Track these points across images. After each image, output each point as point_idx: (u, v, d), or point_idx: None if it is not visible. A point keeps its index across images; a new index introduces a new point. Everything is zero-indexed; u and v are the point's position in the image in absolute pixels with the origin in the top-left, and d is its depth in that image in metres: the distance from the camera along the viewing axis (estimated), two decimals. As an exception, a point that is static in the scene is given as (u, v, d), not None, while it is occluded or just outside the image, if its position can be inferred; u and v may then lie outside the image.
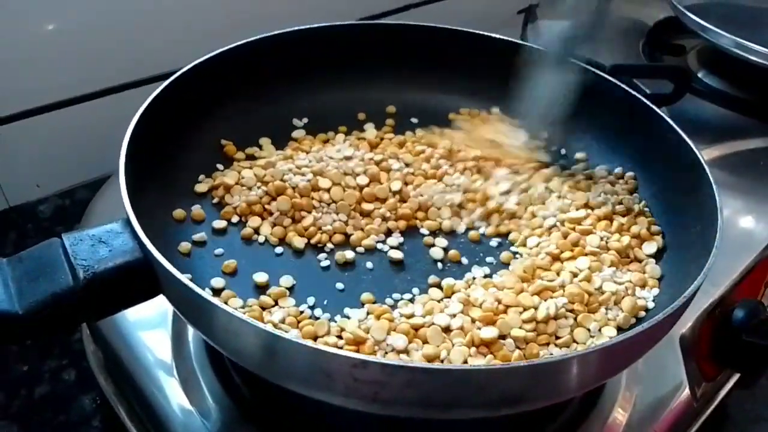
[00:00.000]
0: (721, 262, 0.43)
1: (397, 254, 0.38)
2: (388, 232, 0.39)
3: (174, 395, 0.36)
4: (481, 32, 0.49)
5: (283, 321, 0.32)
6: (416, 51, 0.49)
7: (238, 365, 0.34)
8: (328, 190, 0.40)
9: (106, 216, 0.44)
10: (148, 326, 0.39)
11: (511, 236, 0.39)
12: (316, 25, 0.47)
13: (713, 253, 0.32)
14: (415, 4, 0.71)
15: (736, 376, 0.46)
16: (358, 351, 0.30)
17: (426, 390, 0.26)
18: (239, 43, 0.43)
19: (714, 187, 0.35)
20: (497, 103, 0.49)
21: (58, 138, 0.53)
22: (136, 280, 0.28)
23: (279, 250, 0.37)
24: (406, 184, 0.42)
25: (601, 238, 0.38)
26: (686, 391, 0.39)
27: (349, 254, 0.37)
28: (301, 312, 0.34)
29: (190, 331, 0.39)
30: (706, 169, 0.37)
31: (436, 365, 0.25)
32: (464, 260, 0.38)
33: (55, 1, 0.49)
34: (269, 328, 0.25)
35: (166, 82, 0.38)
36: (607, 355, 0.28)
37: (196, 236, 0.37)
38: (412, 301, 0.35)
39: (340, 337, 0.31)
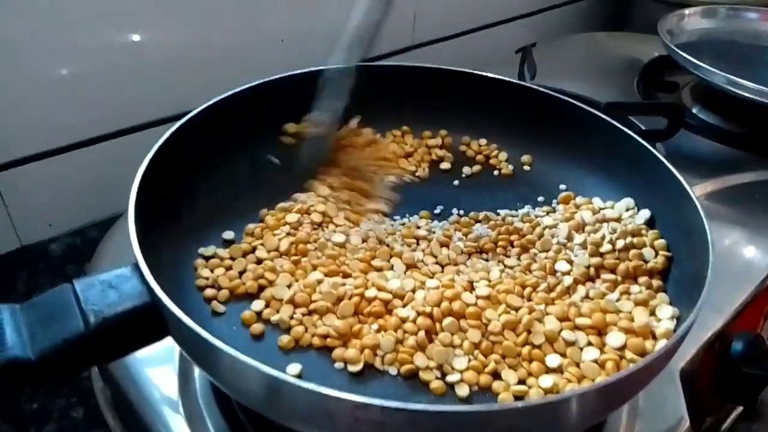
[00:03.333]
0: (720, 295, 0.44)
1: None
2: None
3: (180, 433, 0.37)
4: (478, 72, 0.50)
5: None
6: (417, 90, 0.51)
7: (243, 403, 0.34)
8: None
9: (116, 255, 0.45)
10: (155, 363, 0.40)
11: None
12: (319, 68, 0.48)
13: (705, 290, 0.32)
14: (416, 45, 0.73)
15: (738, 409, 0.46)
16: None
17: (426, 430, 0.26)
18: (248, 85, 0.45)
19: (705, 223, 0.36)
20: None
21: (70, 179, 0.54)
22: (145, 323, 0.29)
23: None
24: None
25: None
26: (687, 425, 0.39)
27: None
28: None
29: (196, 369, 0.39)
30: (698, 205, 0.37)
31: (435, 407, 0.26)
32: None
33: (67, 47, 0.50)
34: (273, 371, 0.26)
35: (177, 125, 0.40)
36: (603, 393, 0.28)
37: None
38: None
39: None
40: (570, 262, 0.40)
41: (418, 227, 0.43)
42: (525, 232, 0.42)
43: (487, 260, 0.41)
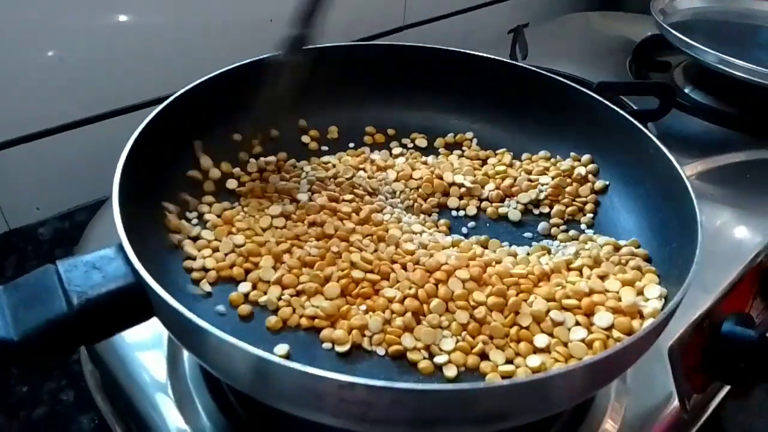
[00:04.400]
0: (709, 274, 0.44)
1: None
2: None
3: (170, 415, 0.37)
4: (470, 51, 0.50)
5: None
6: (408, 70, 0.50)
7: (229, 384, 0.34)
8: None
9: (103, 238, 0.45)
10: (144, 347, 0.40)
11: None
12: (310, 47, 0.48)
13: (693, 269, 0.32)
14: (408, 25, 0.72)
15: (727, 388, 0.46)
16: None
17: (413, 409, 0.26)
18: (232, 66, 0.44)
19: (695, 202, 0.36)
20: (481, 121, 0.50)
21: (58, 162, 0.54)
22: (130, 304, 0.29)
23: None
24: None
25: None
26: (676, 403, 0.40)
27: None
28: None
29: (185, 351, 0.39)
30: (688, 184, 0.37)
31: (421, 386, 0.26)
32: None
33: (53, 29, 0.50)
34: (259, 351, 0.26)
35: (159, 107, 0.39)
36: (590, 371, 0.28)
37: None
38: None
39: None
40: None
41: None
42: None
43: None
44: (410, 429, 0.27)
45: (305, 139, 0.49)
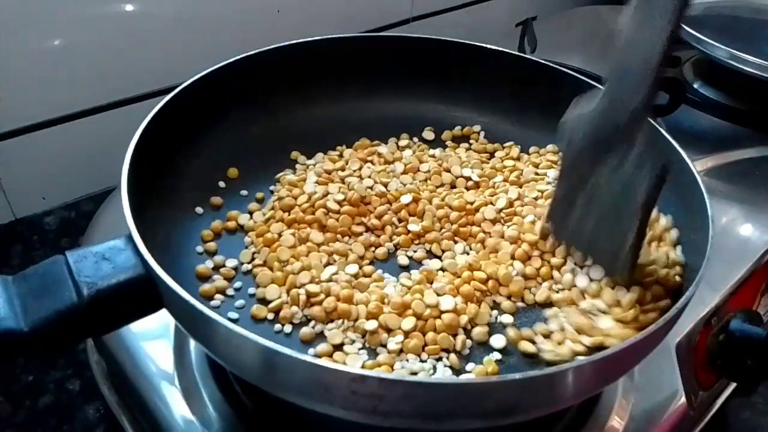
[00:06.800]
0: (717, 271, 0.43)
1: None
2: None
3: (176, 405, 0.37)
4: (478, 44, 0.49)
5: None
6: (416, 63, 0.50)
7: (238, 376, 0.34)
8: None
9: (109, 229, 0.45)
10: (151, 337, 0.40)
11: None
12: (318, 38, 0.48)
13: (704, 263, 0.32)
14: (415, 17, 0.72)
15: (733, 385, 0.46)
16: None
17: (423, 402, 0.26)
18: (241, 56, 0.44)
19: (706, 196, 0.36)
20: (489, 114, 0.50)
21: (64, 151, 0.54)
22: (139, 296, 0.29)
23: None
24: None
25: None
26: (682, 400, 0.40)
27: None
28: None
29: (192, 341, 0.39)
30: (699, 180, 0.37)
31: (432, 379, 0.26)
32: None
33: (60, 17, 0.49)
34: (269, 343, 0.26)
35: (169, 96, 0.39)
36: (600, 366, 0.28)
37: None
38: None
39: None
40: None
41: None
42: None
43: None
44: (421, 422, 0.27)
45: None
